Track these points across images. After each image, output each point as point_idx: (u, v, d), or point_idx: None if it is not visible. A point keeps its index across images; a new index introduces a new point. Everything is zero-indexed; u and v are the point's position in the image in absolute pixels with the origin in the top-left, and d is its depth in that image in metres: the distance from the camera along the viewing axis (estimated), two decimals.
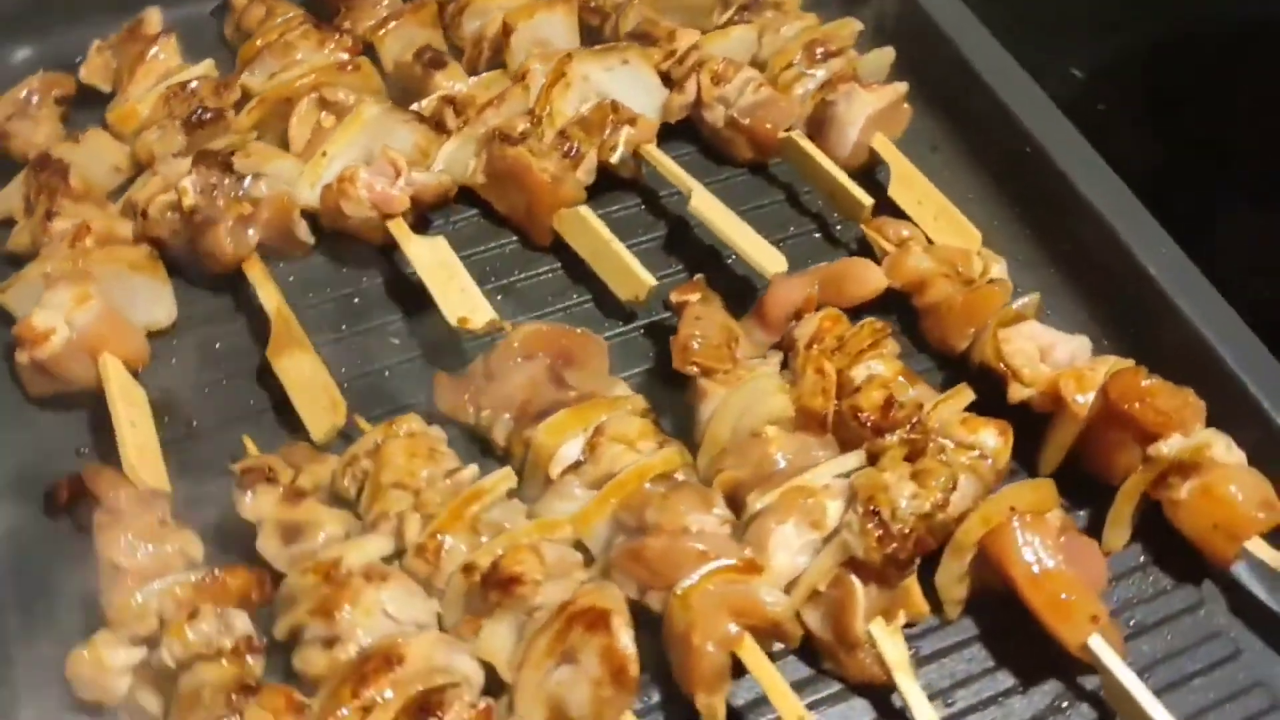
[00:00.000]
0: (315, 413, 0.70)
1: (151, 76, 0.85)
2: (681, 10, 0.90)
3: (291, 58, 0.85)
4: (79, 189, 0.77)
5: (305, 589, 0.61)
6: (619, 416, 0.68)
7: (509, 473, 0.66)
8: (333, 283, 0.81)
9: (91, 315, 0.70)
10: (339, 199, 0.77)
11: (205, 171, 0.75)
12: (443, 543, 0.63)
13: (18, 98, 0.85)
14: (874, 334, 0.72)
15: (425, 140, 0.81)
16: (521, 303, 0.80)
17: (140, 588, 0.61)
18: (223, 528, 0.67)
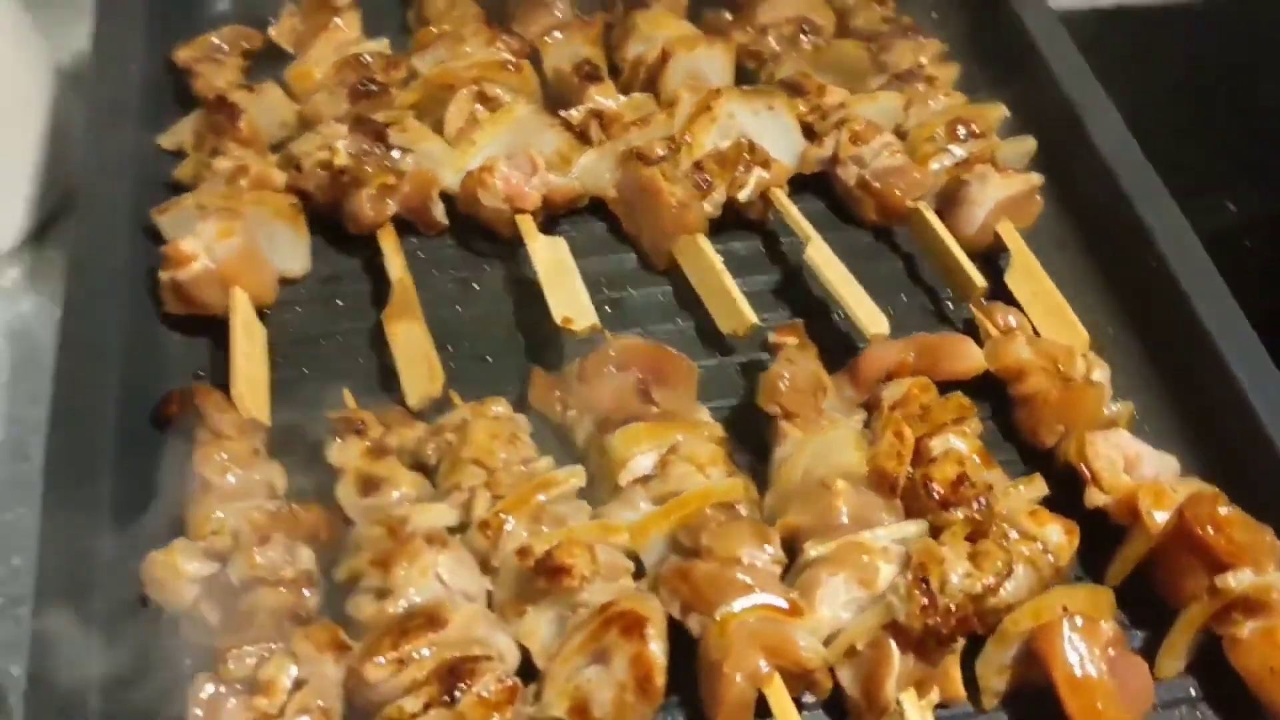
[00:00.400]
0: (414, 380, 0.73)
1: (331, 45, 0.90)
2: (837, 69, 0.92)
3: (460, 49, 0.89)
4: (245, 134, 0.82)
5: (370, 539, 0.64)
6: (695, 439, 0.70)
7: (580, 471, 0.69)
8: (456, 264, 0.85)
9: (232, 249, 0.75)
10: (477, 186, 0.81)
11: (360, 137, 0.79)
12: (505, 523, 0.65)
13: (210, 42, 0.91)
14: (960, 410, 0.72)
15: (568, 147, 0.85)
16: (626, 317, 0.82)
17: (223, 506, 0.65)
18: (308, 468, 0.71)
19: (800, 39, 0.91)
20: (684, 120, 0.86)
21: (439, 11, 0.94)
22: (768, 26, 0.89)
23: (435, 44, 0.90)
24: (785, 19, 0.90)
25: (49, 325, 0.90)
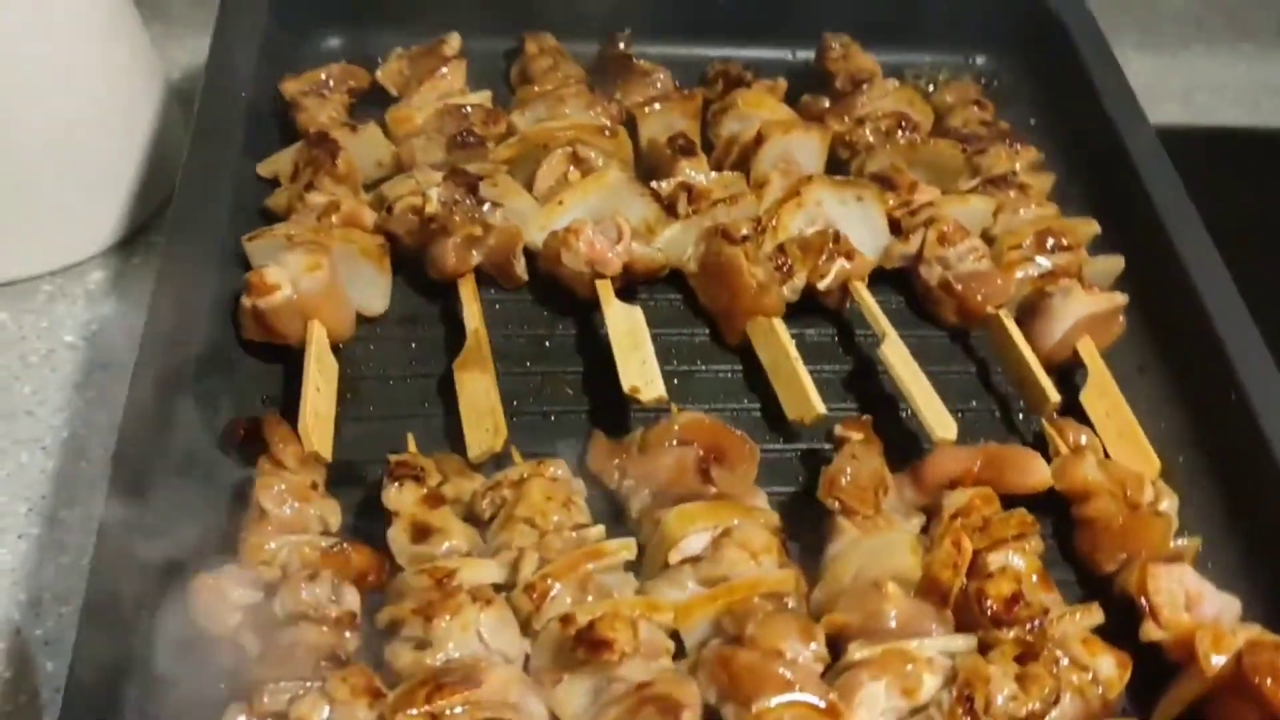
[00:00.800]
0: (478, 432, 0.73)
1: (435, 92, 0.92)
2: (930, 167, 0.92)
3: (560, 110, 0.91)
4: (341, 171, 0.84)
5: (415, 588, 0.64)
6: (750, 525, 0.70)
7: (631, 544, 0.69)
8: (530, 321, 0.85)
9: (316, 283, 0.76)
10: (560, 247, 0.81)
11: (453, 187, 0.81)
12: (551, 588, 0.65)
13: (317, 78, 0.93)
14: (1021, 526, 0.71)
15: (654, 217, 0.85)
16: (694, 392, 0.82)
17: (276, 537, 0.66)
18: (363, 507, 0.72)
19: (896, 134, 0.91)
20: (772, 203, 0.86)
21: (542, 70, 0.95)
22: (864, 118, 0.90)
23: (535, 102, 0.91)
24: (883, 113, 0.91)
25: (126, 331, 0.92)
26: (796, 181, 0.87)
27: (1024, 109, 1.04)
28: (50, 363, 0.90)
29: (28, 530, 0.81)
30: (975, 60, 1.09)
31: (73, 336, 0.92)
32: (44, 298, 0.95)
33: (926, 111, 0.96)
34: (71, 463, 0.84)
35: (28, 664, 0.74)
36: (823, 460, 0.75)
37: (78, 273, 0.96)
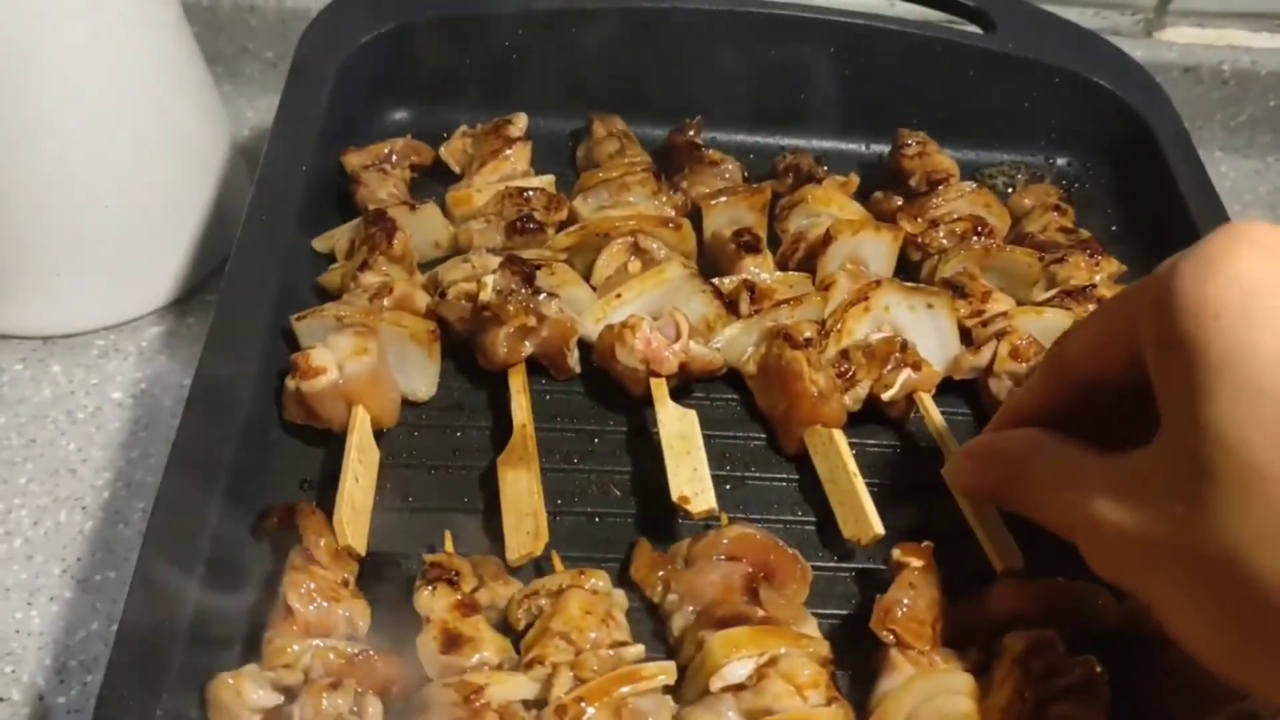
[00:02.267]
0: (518, 535, 0.71)
1: (497, 173, 0.91)
2: (1005, 274, 0.88)
3: (624, 197, 0.89)
4: (397, 252, 0.82)
5: (442, 703, 0.61)
6: (798, 655, 0.66)
7: (671, 668, 0.65)
8: (580, 416, 0.82)
9: (363, 368, 0.74)
10: (615, 342, 0.79)
11: (510, 275, 0.79)
12: (584, 711, 0.62)
13: (380, 152, 0.92)
14: (1088, 675, 0.66)
15: (714, 315, 0.83)
16: (746, 501, 0.79)
17: (301, 639, 0.63)
18: (393, 603, 0.69)
19: (971, 238, 0.88)
20: (838, 305, 0.83)
21: (608, 154, 0.94)
22: (938, 220, 0.87)
23: (599, 188, 0.89)
24: (958, 216, 0.88)
25: (172, 392, 0.92)
26: (865, 285, 0.83)
27: (1106, 215, 1.01)
28: (96, 420, 0.90)
29: (60, 593, 0.80)
30: (1056, 161, 1.05)
31: (121, 394, 0.92)
32: (97, 353, 0.95)
33: (1003, 215, 0.92)
34: (110, 525, 0.83)
35: None
36: (878, 586, 0.71)
37: (132, 329, 0.96)
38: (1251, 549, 0.47)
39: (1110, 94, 1.00)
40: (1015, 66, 1.00)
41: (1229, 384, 0.47)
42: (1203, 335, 0.49)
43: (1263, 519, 0.47)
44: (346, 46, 0.94)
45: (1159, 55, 1.21)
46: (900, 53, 0.99)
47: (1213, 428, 0.48)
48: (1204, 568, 0.50)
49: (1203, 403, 0.48)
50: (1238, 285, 0.48)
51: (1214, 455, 0.48)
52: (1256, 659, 0.51)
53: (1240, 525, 0.47)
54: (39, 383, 0.92)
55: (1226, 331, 0.48)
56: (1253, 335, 0.47)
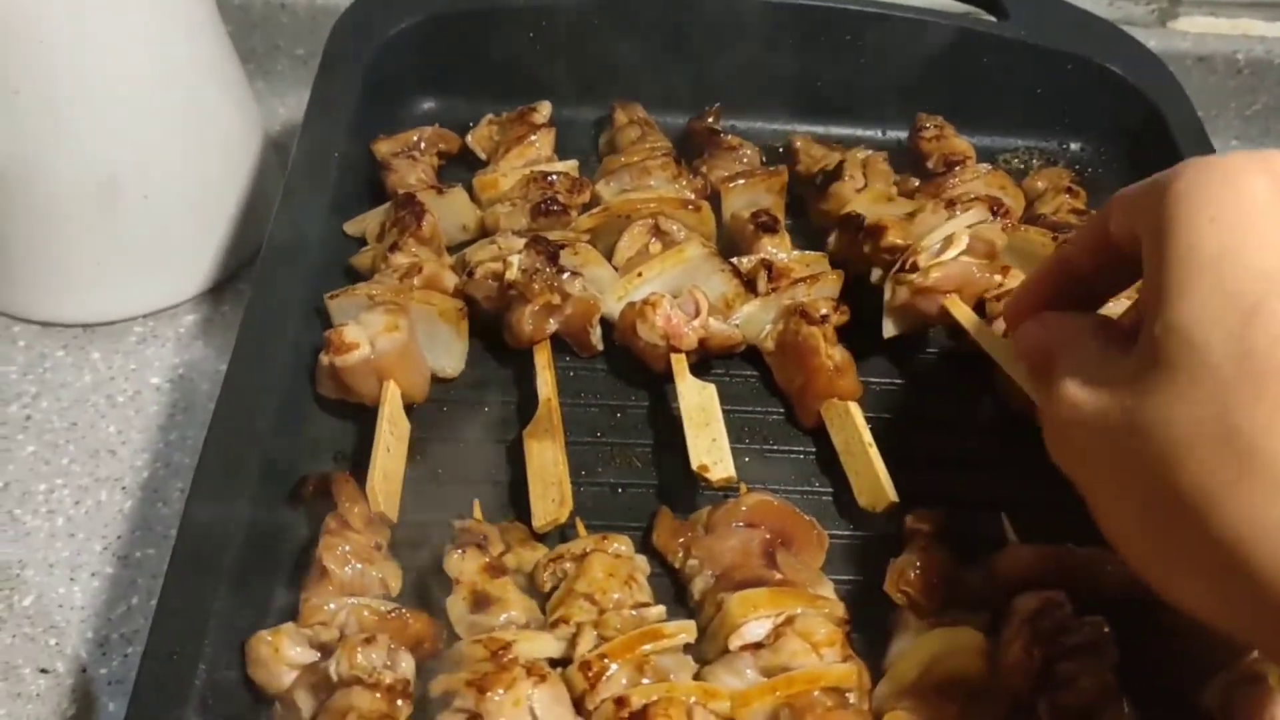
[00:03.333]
0: (544, 503, 0.73)
1: (522, 159, 0.93)
2: (1020, 253, 0.89)
3: (645, 181, 0.91)
4: (426, 233, 0.85)
5: (471, 658, 0.64)
6: (814, 615, 0.68)
7: (692, 627, 0.67)
8: (602, 391, 0.85)
9: (394, 344, 0.76)
10: (636, 319, 0.81)
11: (534, 255, 0.81)
12: (607, 667, 0.64)
13: (409, 140, 0.95)
14: (1097, 636, 0.68)
15: (733, 293, 0.85)
16: (764, 472, 0.81)
17: (336, 598, 0.66)
18: (423, 571, 0.72)
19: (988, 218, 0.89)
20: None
21: (630, 141, 0.96)
22: (955, 200, 0.88)
23: (620, 172, 0.92)
24: (975, 196, 0.89)
25: (209, 376, 0.95)
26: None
27: None
28: (135, 404, 0.93)
29: (101, 569, 0.82)
30: (1069, 146, 1.07)
31: (159, 379, 0.95)
32: (135, 339, 0.97)
33: (1018, 197, 0.94)
34: (149, 504, 0.86)
35: (90, 703, 0.75)
36: (892, 549, 0.73)
37: (169, 316, 0.99)
38: (1184, 447, 0.48)
39: (1122, 80, 1.01)
40: (1028, 53, 1.02)
41: (1207, 285, 0.49)
42: (1195, 235, 0.50)
43: (1203, 419, 0.48)
44: (376, 39, 0.97)
45: (1173, 44, 1.22)
46: (915, 40, 1.01)
47: (1181, 323, 0.49)
48: (1139, 459, 0.51)
49: (1178, 297, 0.49)
50: (1240, 198, 0.49)
51: (1177, 349, 0.49)
52: (1172, 560, 0.52)
53: (1182, 421, 0.49)
54: (80, 368, 0.95)
55: (1218, 235, 0.49)
56: (1242, 245, 0.48)
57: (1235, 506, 0.47)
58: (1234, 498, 0.47)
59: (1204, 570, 0.50)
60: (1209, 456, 0.48)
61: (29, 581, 0.81)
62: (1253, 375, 0.47)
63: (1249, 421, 0.47)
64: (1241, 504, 0.47)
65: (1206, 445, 0.48)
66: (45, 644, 0.78)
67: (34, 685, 0.76)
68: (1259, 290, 0.48)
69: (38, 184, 0.89)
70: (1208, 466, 0.48)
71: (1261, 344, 0.47)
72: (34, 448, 0.89)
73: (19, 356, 0.96)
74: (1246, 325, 0.47)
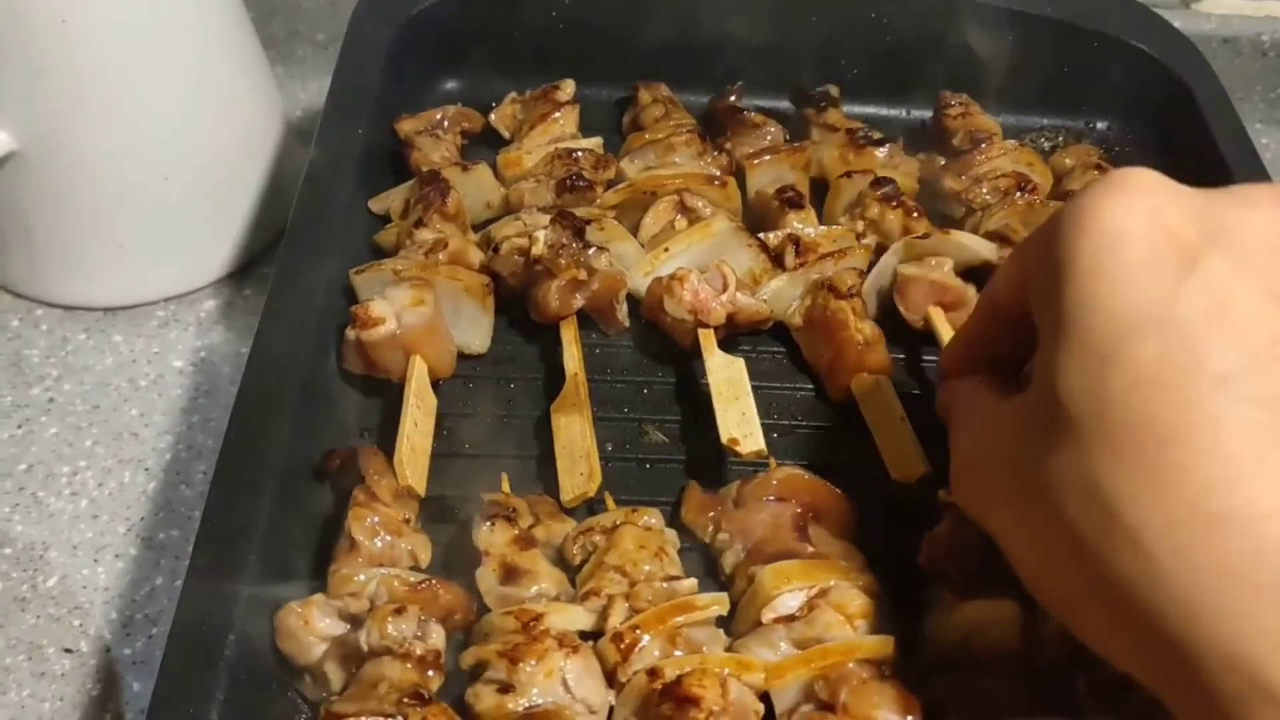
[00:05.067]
0: (572, 476, 0.72)
1: (546, 136, 0.93)
2: None
3: (669, 158, 0.91)
4: (451, 210, 0.84)
5: (502, 630, 0.63)
6: (847, 587, 0.67)
7: (724, 599, 0.67)
8: (630, 367, 0.84)
9: (420, 319, 0.76)
10: (664, 294, 0.80)
11: (560, 230, 0.81)
12: (640, 639, 0.63)
13: (433, 118, 0.95)
14: None
15: (760, 268, 0.84)
16: (793, 448, 0.80)
17: (366, 569, 0.65)
18: (452, 545, 0.72)
19: (1015, 194, 0.89)
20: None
21: (654, 119, 0.96)
22: (982, 177, 0.88)
23: (645, 149, 0.91)
24: (1002, 173, 0.89)
25: (231, 359, 0.95)
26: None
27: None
28: (158, 387, 0.93)
29: (125, 550, 0.82)
30: (1095, 125, 1.06)
31: (181, 362, 0.94)
32: (157, 323, 0.97)
33: (1046, 174, 0.93)
34: (172, 486, 0.86)
35: (114, 683, 0.75)
36: (927, 522, 0.72)
37: (191, 300, 0.99)
38: (1060, 498, 0.48)
39: (1150, 58, 1.00)
40: (1054, 31, 1.01)
41: (1068, 336, 0.48)
42: (1060, 282, 0.49)
43: (1069, 472, 0.47)
44: (398, 18, 0.96)
45: (1197, 26, 1.21)
46: (939, 18, 1.00)
47: (1052, 378, 0.48)
48: (1028, 506, 0.51)
49: (1049, 352, 0.49)
50: (1096, 236, 0.48)
51: (1050, 405, 0.48)
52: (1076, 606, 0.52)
53: (1054, 473, 0.48)
54: (102, 351, 0.95)
55: (1076, 282, 0.48)
56: (1096, 289, 0.47)
57: (1108, 559, 0.46)
58: (1104, 552, 0.46)
59: (1103, 616, 0.49)
60: (1079, 510, 0.47)
61: (53, 563, 0.81)
62: (1110, 428, 0.46)
63: (1108, 478, 0.46)
64: (1111, 558, 0.46)
65: (1076, 499, 0.47)
66: (69, 624, 0.78)
67: (58, 665, 0.76)
68: (1115, 340, 0.46)
69: (61, 166, 0.89)
70: (1079, 520, 0.47)
71: (1117, 394, 0.46)
72: (57, 430, 0.89)
73: (41, 340, 0.95)
74: (1103, 375, 0.46)
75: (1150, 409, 0.45)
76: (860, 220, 0.86)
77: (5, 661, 0.75)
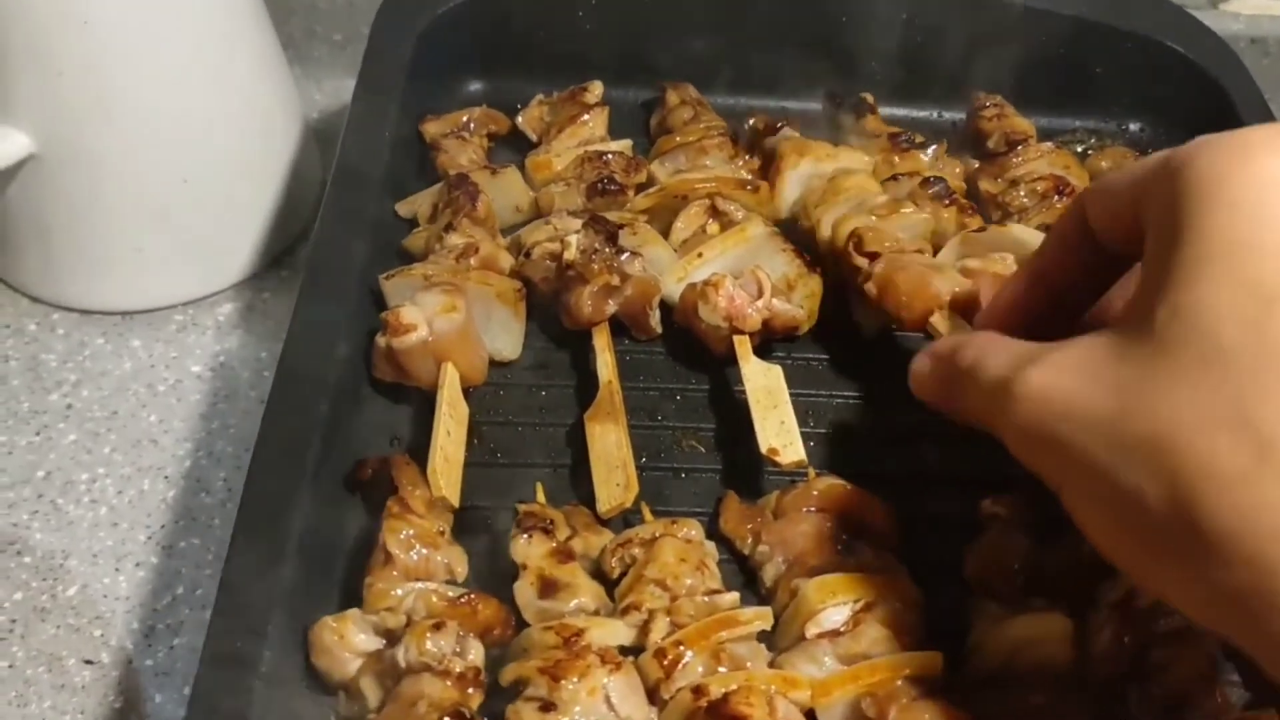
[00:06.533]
0: (608, 487, 0.71)
1: (575, 139, 0.92)
2: None
3: (700, 161, 0.89)
4: (481, 214, 0.83)
5: (542, 645, 0.62)
6: (893, 601, 0.66)
7: (767, 613, 0.65)
8: (663, 375, 0.83)
9: (452, 325, 0.74)
10: (698, 300, 0.79)
11: (593, 235, 0.79)
12: (683, 655, 0.62)
13: (459, 120, 0.94)
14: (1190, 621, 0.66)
15: (795, 273, 0.83)
16: (832, 457, 0.79)
17: (402, 584, 0.64)
18: (486, 557, 0.70)
19: (1052, 197, 0.87)
20: None
21: (683, 121, 0.94)
22: (1018, 180, 0.86)
23: (676, 152, 0.90)
24: (1039, 175, 0.87)
25: (251, 364, 0.93)
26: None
27: None
28: (177, 392, 0.91)
29: (146, 559, 0.81)
30: (1129, 127, 1.05)
31: (200, 367, 0.93)
32: (175, 327, 0.96)
33: (1082, 177, 0.92)
34: (192, 493, 0.84)
35: (137, 694, 0.74)
36: (970, 534, 0.71)
37: (209, 304, 0.97)
38: (1191, 432, 0.46)
39: (1184, 58, 0.99)
40: (1086, 32, 1.00)
41: (1222, 271, 0.47)
42: (1211, 220, 0.47)
43: (1214, 405, 0.45)
44: (423, 19, 0.95)
45: (1225, 26, 1.20)
46: (970, 19, 0.99)
47: (1192, 308, 0.47)
48: (1130, 445, 0.48)
49: (1189, 283, 0.47)
50: (1260, 178, 0.47)
51: (1184, 334, 0.47)
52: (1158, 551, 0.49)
53: (1190, 405, 0.46)
54: (120, 356, 0.94)
55: (1236, 221, 0.47)
56: (1260, 231, 0.46)
57: (1244, 496, 0.44)
58: (1244, 487, 0.44)
59: (1192, 562, 0.47)
60: (1219, 444, 0.45)
61: (73, 571, 0.79)
62: (1273, 365, 0.45)
63: (1267, 411, 0.44)
64: (1253, 494, 0.44)
65: (1217, 432, 0.45)
66: (90, 635, 0.76)
67: (79, 677, 0.74)
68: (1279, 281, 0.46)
69: (79, 169, 0.88)
70: (1217, 454, 0.45)
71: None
72: (75, 436, 0.88)
73: (58, 344, 0.94)
74: (1267, 314, 0.45)
75: None
76: None
77: (26, 673, 0.74)
